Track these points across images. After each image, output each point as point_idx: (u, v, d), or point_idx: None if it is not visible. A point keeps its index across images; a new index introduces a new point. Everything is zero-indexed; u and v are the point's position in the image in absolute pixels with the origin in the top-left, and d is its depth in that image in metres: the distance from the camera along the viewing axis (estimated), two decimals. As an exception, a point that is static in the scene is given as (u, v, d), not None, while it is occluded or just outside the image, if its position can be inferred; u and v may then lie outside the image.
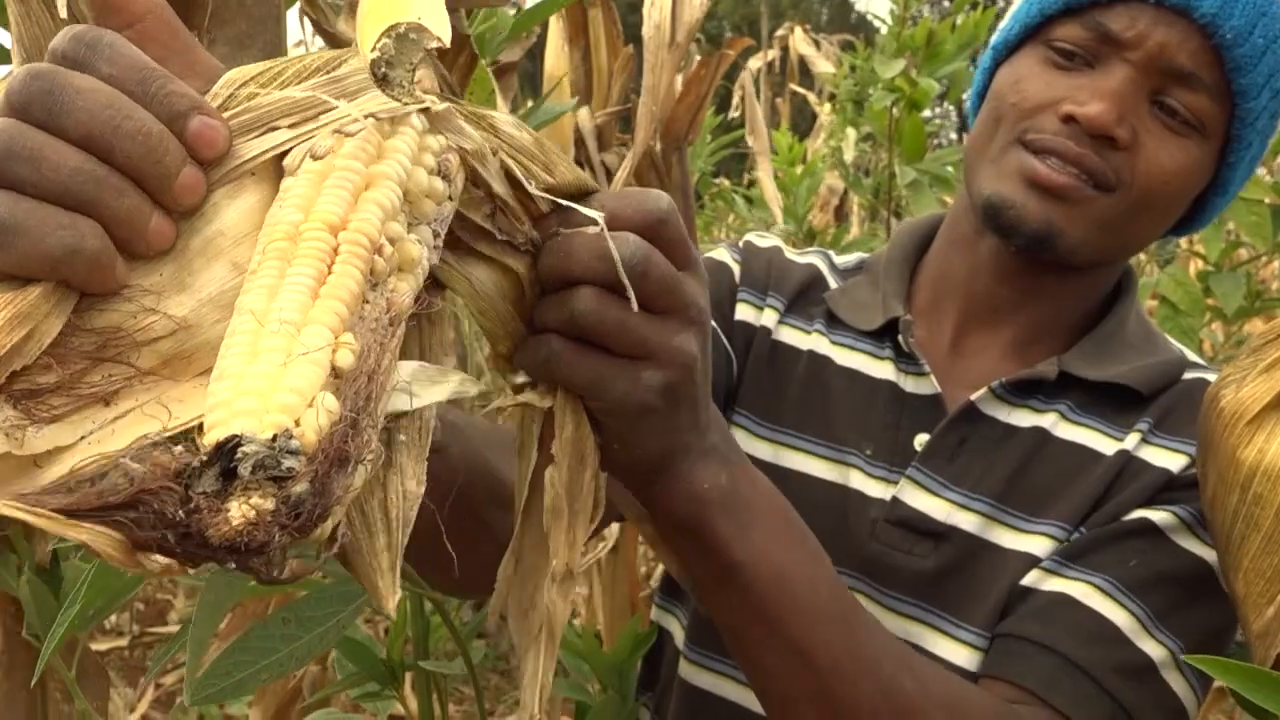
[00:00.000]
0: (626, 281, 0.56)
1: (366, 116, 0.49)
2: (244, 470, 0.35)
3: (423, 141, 0.51)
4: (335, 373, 0.40)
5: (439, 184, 0.51)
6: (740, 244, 1.12)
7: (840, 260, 1.13)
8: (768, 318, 1.06)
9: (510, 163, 0.55)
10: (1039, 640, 0.85)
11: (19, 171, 0.43)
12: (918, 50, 2.66)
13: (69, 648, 0.93)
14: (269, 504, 0.34)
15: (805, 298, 1.08)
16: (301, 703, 1.92)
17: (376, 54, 0.51)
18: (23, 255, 0.42)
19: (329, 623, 0.61)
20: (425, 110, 0.52)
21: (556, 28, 1.96)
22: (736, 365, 1.04)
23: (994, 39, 1.02)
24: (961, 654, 0.91)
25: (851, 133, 3.35)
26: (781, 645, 0.70)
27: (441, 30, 0.52)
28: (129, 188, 0.44)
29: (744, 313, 1.06)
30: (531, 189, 0.56)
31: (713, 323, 1.03)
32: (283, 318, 0.40)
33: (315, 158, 0.47)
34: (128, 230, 0.44)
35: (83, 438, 0.41)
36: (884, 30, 2.86)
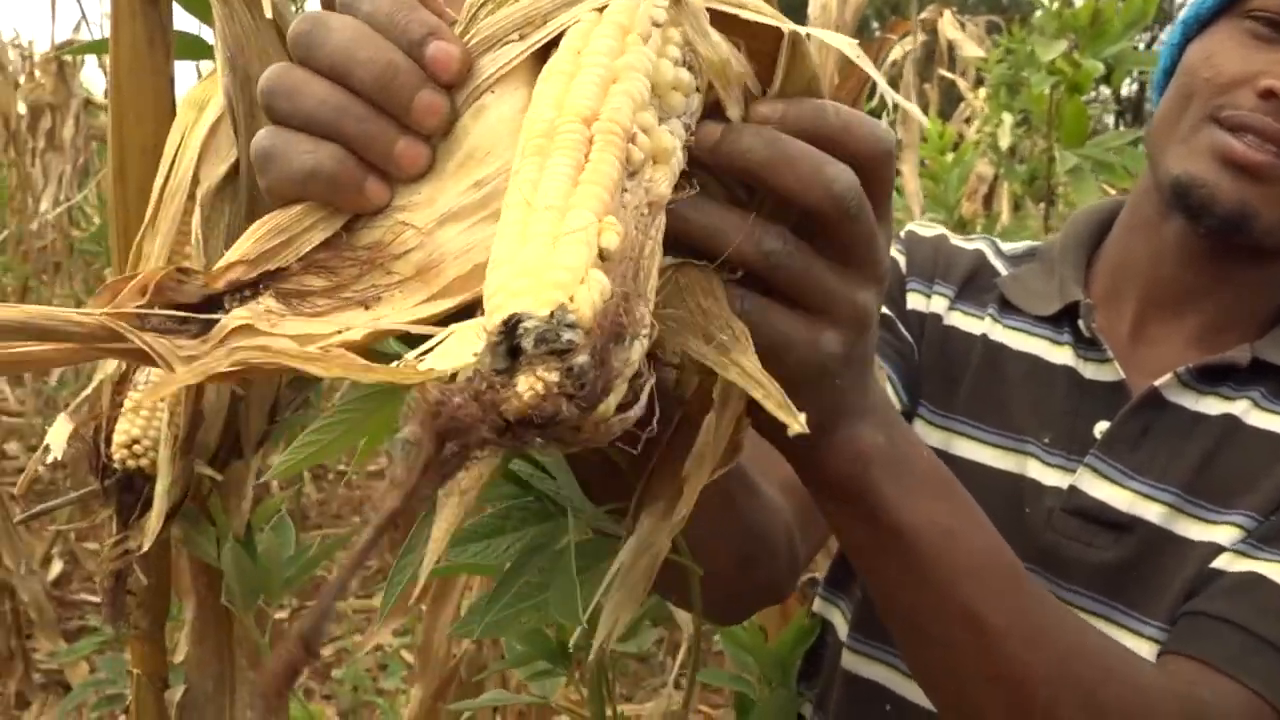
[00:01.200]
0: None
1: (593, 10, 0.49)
2: (527, 345, 0.36)
3: (665, 33, 0.50)
4: (602, 254, 0.41)
5: (685, 75, 0.50)
6: (903, 234, 1.11)
7: (1007, 247, 1.11)
8: (937, 304, 1.04)
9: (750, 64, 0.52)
10: (1227, 617, 0.82)
11: (279, 105, 0.48)
12: (1081, 30, 2.56)
13: (259, 618, 0.98)
14: (554, 375, 0.36)
15: (975, 283, 1.06)
16: (458, 683, 1.98)
17: None
18: (275, 178, 0.48)
19: (582, 576, 0.63)
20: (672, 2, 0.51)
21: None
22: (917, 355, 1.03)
23: (1184, 13, 0.98)
24: (1145, 650, 0.88)
25: (1008, 118, 3.25)
26: (951, 611, 0.65)
27: None
28: (370, 114, 0.47)
29: (914, 302, 1.05)
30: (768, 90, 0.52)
31: (891, 313, 1.03)
32: (546, 203, 0.41)
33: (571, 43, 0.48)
34: (373, 153, 0.47)
35: (338, 331, 0.44)
36: (1039, 11, 2.76)
